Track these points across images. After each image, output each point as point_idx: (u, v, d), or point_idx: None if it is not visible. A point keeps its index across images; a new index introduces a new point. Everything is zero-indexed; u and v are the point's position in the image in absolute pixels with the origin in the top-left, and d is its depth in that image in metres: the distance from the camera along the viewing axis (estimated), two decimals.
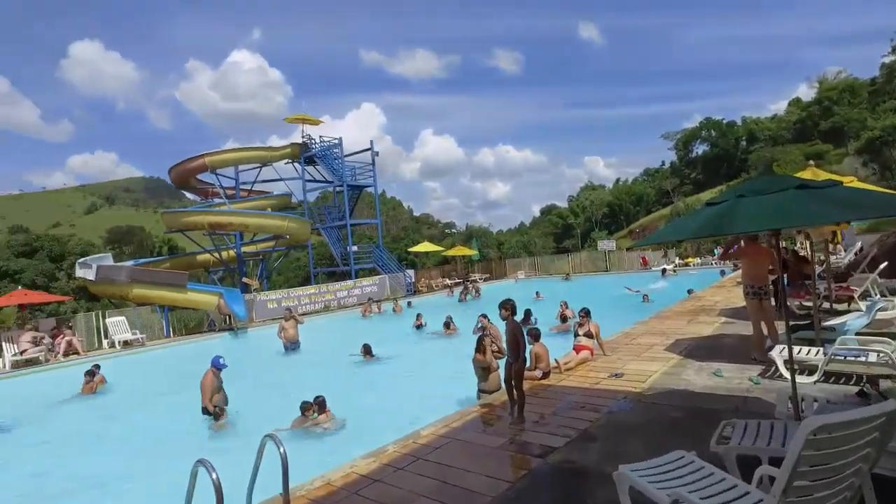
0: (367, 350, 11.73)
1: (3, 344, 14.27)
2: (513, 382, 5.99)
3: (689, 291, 16.74)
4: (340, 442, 6.88)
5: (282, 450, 4.05)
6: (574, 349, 8.54)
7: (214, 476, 3.63)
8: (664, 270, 26.69)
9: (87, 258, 18.76)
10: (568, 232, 76.80)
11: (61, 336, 14.97)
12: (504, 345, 6.57)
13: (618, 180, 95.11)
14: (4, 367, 13.85)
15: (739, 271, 13.69)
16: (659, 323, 11.55)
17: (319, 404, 7.49)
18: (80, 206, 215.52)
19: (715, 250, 31.76)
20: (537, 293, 21.57)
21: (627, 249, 35.10)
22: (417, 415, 7.03)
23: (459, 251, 35.77)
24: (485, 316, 10.99)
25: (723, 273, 22.23)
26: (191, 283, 18.99)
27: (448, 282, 30.20)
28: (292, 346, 14.49)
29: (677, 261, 31.42)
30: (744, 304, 8.21)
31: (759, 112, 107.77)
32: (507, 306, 5.99)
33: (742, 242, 8.34)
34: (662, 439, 4.89)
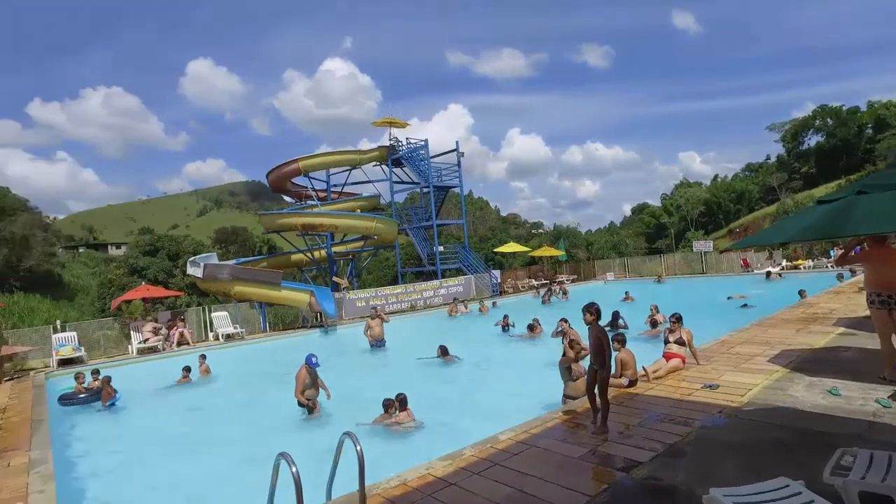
0: (443, 351, 11.76)
1: (131, 333, 16.05)
2: (596, 390, 5.72)
3: (801, 293, 15.16)
4: (419, 442, 6.95)
5: (358, 448, 4.14)
6: (664, 357, 8.03)
7: (294, 470, 3.78)
8: (768, 273, 24.47)
9: (196, 257, 20.54)
10: (661, 232, 72.78)
11: (175, 328, 16.53)
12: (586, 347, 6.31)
13: (716, 177, 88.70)
14: (132, 352, 15.54)
15: (862, 276, 12.17)
16: (761, 331, 10.58)
17: (400, 402, 7.63)
18: (193, 208, 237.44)
19: (831, 251, 28.57)
20: (627, 293, 20.63)
21: (722, 251, 32.57)
22: (497, 418, 6.95)
23: (546, 252, 35.13)
24: (564, 320, 10.67)
25: (840, 277, 19.90)
26: (285, 281, 20.19)
27: (534, 283, 29.76)
28: (378, 344, 14.93)
29: (784, 263, 28.59)
30: (867, 313, 7.26)
31: (890, 94, 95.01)
32: (592, 310, 5.71)
33: (866, 245, 7.36)
34: (762, 462, 4.44)
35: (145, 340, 15.61)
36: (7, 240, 40.45)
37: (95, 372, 10.69)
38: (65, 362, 14.08)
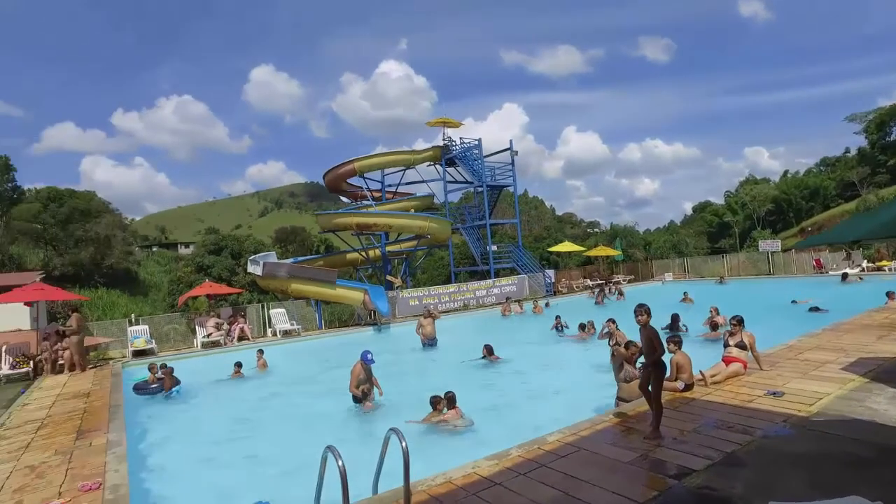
0: (488, 350, 11.66)
1: (196, 328, 16.97)
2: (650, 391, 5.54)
3: (890, 295, 13.98)
4: (466, 441, 6.95)
5: (403, 444, 4.20)
6: (723, 361, 7.65)
7: (340, 463, 3.87)
8: (845, 275, 22.74)
9: (256, 256, 21.43)
10: (724, 231, 69.26)
11: (236, 323, 17.33)
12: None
13: (786, 172, 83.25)
14: (197, 346, 16.44)
15: None
16: (835, 337, 9.87)
17: (448, 400, 7.65)
18: (255, 209, 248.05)
19: None
20: (685, 294, 19.79)
21: (785, 250, 30.57)
22: (547, 420, 6.86)
23: (602, 251, 34.32)
24: (612, 321, 10.39)
25: None
26: (340, 279, 20.72)
27: (589, 283, 29.13)
28: (430, 342, 15.07)
29: (865, 264, 26.48)
30: None
31: None
32: (643, 311, 5.53)
33: None
34: (832, 478, 4.15)
35: (209, 335, 16.45)
36: (92, 239, 43.75)
37: (163, 366, 11.38)
38: (138, 353, 15.09)
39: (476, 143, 30.04)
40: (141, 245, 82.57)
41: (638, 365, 6.71)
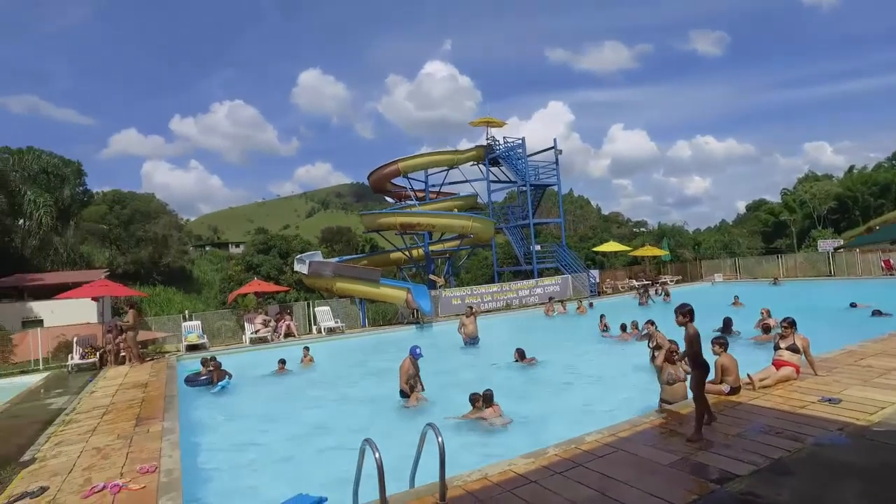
0: (520, 354, 11.49)
1: (245, 324, 17.65)
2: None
3: None
4: (505, 439, 6.94)
5: (440, 439, 4.27)
6: (773, 364, 7.34)
7: (377, 456, 3.98)
8: None
9: (303, 255, 22.07)
10: (781, 230, 65.95)
11: (283, 320, 17.90)
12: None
13: (851, 168, 78.55)
14: (245, 342, 17.09)
15: None
16: None
17: (486, 398, 7.67)
18: (302, 210, 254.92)
19: None
20: (736, 298, 19.02)
21: (835, 249, 28.79)
22: (586, 420, 6.80)
23: (648, 251, 33.46)
24: (651, 322, 10.15)
25: None
26: (384, 278, 21.06)
27: (635, 283, 28.46)
28: (471, 341, 15.12)
29: None
30: None
31: None
32: (685, 311, 5.41)
33: None
34: (893, 493, 3.93)
35: (256, 331, 17.07)
36: (151, 239, 46.23)
37: (213, 359, 11.91)
38: (191, 347, 15.84)
39: (519, 142, 29.87)
40: (195, 245, 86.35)
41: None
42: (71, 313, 22.15)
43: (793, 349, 7.39)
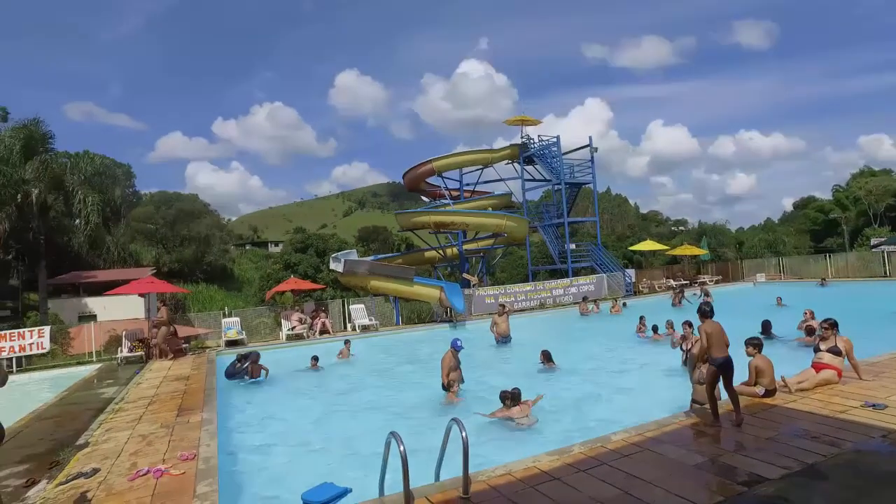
0: (546, 357, 11.35)
1: (282, 321, 18.16)
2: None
3: None
4: (531, 437, 6.95)
5: (464, 434, 4.34)
6: (812, 367, 7.07)
7: (402, 448, 4.08)
8: None
9: (338, 253, 22.51)
10: (832, 229, 62.86)
11: (318, 318, 18.32)
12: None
13: None
14: (282, 338, 17.58)
15: None
16: None
17: (513, 396, 7.67)
18: (340, 209, 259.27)
19: None
20: (779, 299, 18.35)
21: (873, 247, 27.21)
22: (614, 421, 6.74)
23: (686, 250, 32.59)
24: (689, 324, 9.93)
25: None
26: (418, 277, 21.25)
27: (672, 283, 27.79)
28: (503, 340, 15.11)
29: None
30: None
31: None
32: (705, 309, 5.83)
33: None
34: None
35: (293, 328, 17.53)
36: (195, 238, 47.98)
37: (251, 355, 12.32)
38: (231, 343, 16.41)
39: (554, 140, 29.59)
40: (236, 244, 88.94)
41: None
42: (121, 308, 23.32)
43: (834, 351, 7.11)
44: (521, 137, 30.43)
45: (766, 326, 12.71)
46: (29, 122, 21.48)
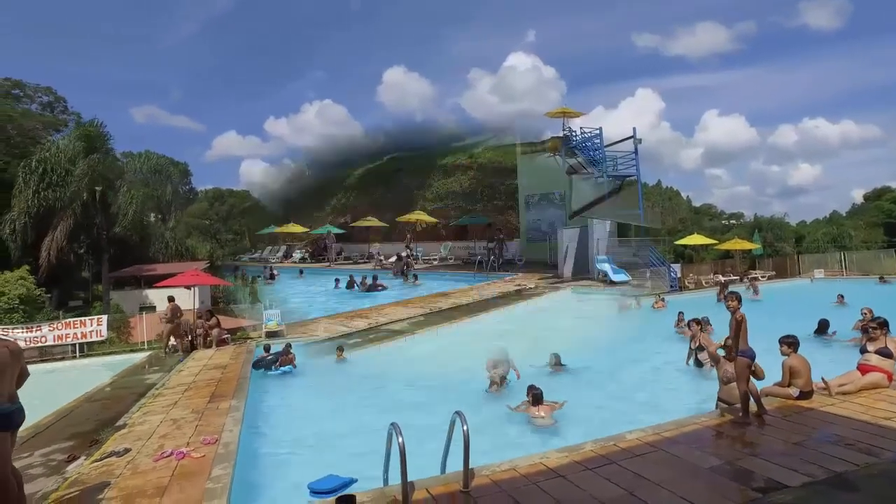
0: (556, 360, 10.95)
1: None
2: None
3: None
4: (546, 437, 6.81)
5: (465, 428, 4.31)
6: (858, 369, 6.56)
7: (400, 440, 4.06)
8: None
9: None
10: None
11: None
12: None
13: None
14: (318, 331, 17.97)
15: None
16: None
17: (534, 396, 7.47)
18: None
19: None
20: (840, 296, 17.17)
21: None
22: (638, 418, 6.51)
23: (736, 244, 31.04)
24: (697, 321, 9.76)
25: None
26: None
27: (721, 278, 26.53)
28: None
29: None
30: None
31: None
32: (734, 296, 5.68)
33: None
34: None
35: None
36: (245, 233, 49.94)
37: (287, 346, 12.65)
38: (270, 334, 16.90)
39: (597, 132, 28.78)
40: None
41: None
42: (177, 300, 24.45)
43: (883, 353, 6.56)
44: (563, 130, 29.81)
45: (824, 325, 11.97)
46: (88, 124, 22.90)
